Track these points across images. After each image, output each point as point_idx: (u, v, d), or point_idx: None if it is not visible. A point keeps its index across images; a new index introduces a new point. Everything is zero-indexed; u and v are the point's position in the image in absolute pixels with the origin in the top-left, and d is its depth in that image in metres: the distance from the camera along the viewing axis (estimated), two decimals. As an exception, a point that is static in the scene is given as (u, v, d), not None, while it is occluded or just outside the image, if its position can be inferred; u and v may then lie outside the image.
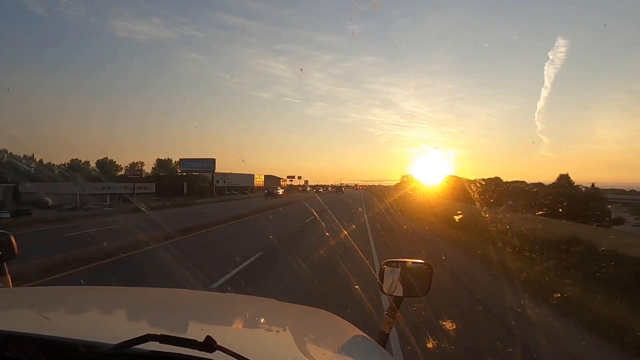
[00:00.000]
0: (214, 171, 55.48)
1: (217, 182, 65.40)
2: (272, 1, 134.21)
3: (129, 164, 69.09)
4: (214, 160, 55.52)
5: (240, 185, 75.15)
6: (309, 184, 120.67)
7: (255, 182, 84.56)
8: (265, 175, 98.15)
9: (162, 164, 67.17)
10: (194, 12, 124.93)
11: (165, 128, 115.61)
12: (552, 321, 5.10)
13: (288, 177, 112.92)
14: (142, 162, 70.55)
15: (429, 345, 4.02)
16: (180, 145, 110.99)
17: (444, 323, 4.70)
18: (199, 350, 0.69)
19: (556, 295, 5.77)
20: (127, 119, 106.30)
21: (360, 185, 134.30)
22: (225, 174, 71.14)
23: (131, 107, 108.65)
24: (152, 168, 68.61)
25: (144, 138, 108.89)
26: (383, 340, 1.38)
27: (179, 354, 0.71)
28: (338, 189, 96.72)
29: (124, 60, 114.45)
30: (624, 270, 6.38)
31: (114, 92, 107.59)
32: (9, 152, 57.18)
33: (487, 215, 11.45)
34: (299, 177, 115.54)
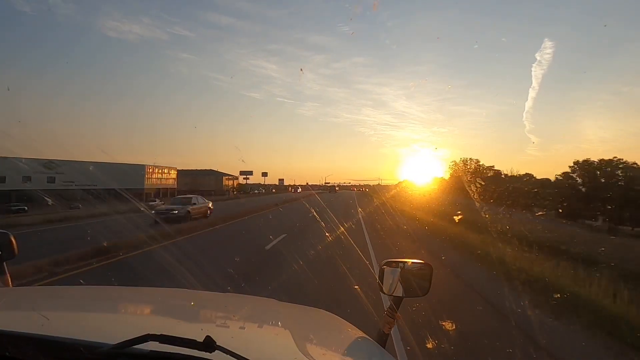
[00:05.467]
0: None
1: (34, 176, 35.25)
2: (263, 1, 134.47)
3: None
4: None
5: (102, 187, 35.93)
6: (284, 182, 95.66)
7: (149, 181, 46.86)
8: (180, 171, 60.09)
9: None
10: (184, 11, 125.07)
11: (156, 128, 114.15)
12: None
13: (242, 173, 74.76)
14: None
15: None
16: (174, 144, 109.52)
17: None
18: (199, 350, 0.69)
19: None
20: (117, 118, 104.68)
21: (356, 186, 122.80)
22: (52, 161, 37.33)
23: (121, 106, 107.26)
24: None
25: (134, 137, 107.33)
26: (383, 340, 1.38)
27: (179, 353, 0.71)
28: (331, 189, 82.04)
29: (114, 60, 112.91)
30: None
31: (104, 91, 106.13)
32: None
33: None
34: (265, 174, 78.82)
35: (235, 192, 71.67)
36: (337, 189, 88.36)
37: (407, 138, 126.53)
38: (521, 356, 3.95)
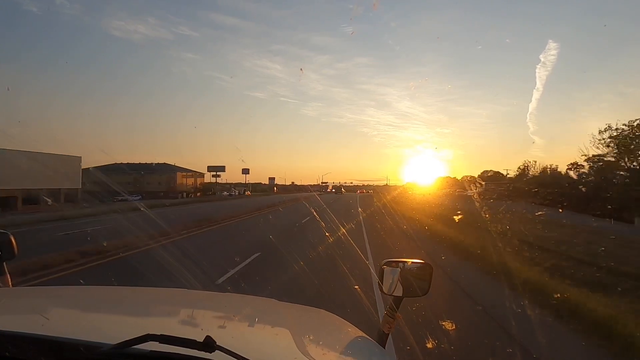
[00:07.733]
0: None
1: None
2: (267, 2, 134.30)
3: None
4: None
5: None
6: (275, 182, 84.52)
7: (12, 177, 27.78)
8: (120, 165, 47.83)
9: None
10: (188, 12, 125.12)
11: (159, 127, 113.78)
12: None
13: (210, 168, 57.80)
14: None
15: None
16: (174, 144, 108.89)
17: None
18: (199, 350, 0.69)
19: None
20: (118, 117, 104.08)
21: (365, 187, 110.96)
22: None
23: (122, 105, 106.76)
24: None
25: (137, 137, 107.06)
26: (383, 340, 1.38)
27: (179, 354, 0.71)
28: (337, 189, 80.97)
29: (119, 60, 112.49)
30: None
31: (109, 91, 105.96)
32: None
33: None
34: (246, 171, 60.05)
35: (198, 194, 54.59)
36: (343, 190, 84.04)
37: (410, 138, 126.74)
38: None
